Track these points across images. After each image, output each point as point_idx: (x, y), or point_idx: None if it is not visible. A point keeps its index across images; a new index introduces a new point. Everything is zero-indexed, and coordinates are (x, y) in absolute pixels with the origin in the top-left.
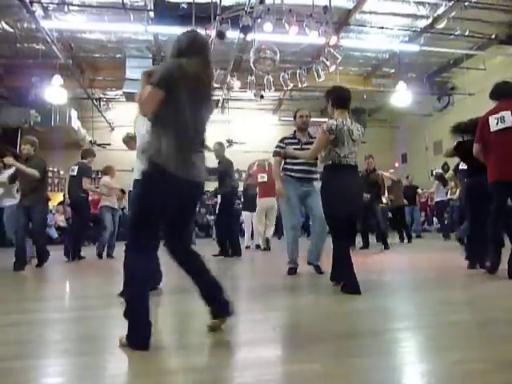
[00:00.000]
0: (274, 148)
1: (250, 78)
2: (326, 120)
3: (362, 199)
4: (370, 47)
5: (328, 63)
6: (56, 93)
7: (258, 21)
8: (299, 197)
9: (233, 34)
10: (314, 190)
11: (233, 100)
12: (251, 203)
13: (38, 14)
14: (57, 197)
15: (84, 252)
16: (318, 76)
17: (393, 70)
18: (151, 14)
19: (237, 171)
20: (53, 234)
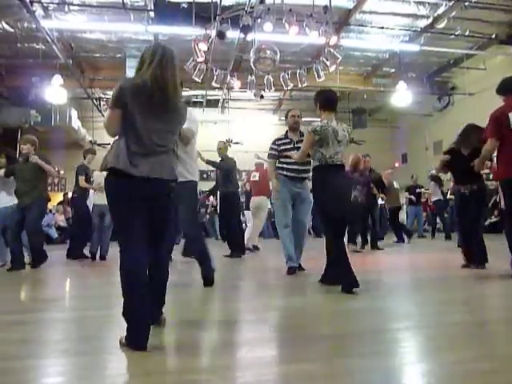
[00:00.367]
0: (269, 151)
1: (250, 77)
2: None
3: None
4: (370, 47)
5: (328, 63)
6: (56, 93)
7: (258, 21)
8: (291, 196)
9: (233, 34)
10: (305, 191)
11: (233, 100)
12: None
13: (38, 13)
14: (57, 197)
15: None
16: (318, 76)
17: (393, 70)
18: (151, 13)
19: (237, 171)
20: (53, 233)
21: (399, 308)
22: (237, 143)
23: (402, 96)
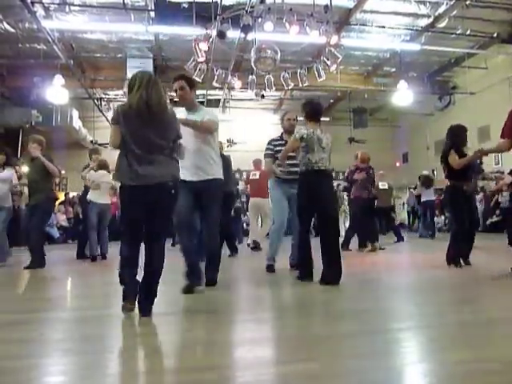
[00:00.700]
0: (265, 151)
1: (250, 77)
2: (324, 119)
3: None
4: (370, 46)
5: (329, 62)
6: (57, 93)
7: (259, 20)
8: (287, 197)
9: (233, 34)
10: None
11: (234, 100)
12: None
13: (39, 14)
14: (58, 196)
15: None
16: (319, 75)
17: (394, 70)
18: (152, 13)
19: (238, 171)
20: (54, 233)
21: (401, 308)
22: (235, 143)
23: (403, 95)
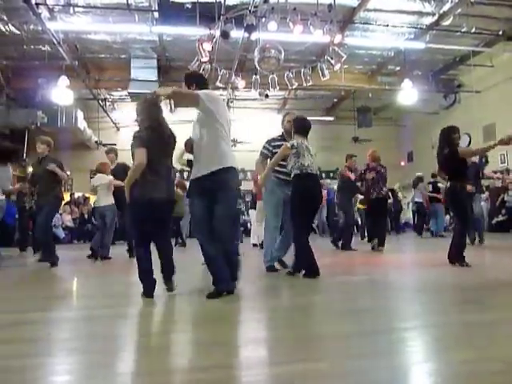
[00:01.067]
0: (262, 149)
1: (254, 77)
2: (328, 118)
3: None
4: (375, 45)
5: (333, 62)
6: (62, 94)
7: (263, 20)
8: (283, 198)
9: (237, 34)
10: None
11: (237, 100)
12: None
13: (43, 15)
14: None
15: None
16: (323, 75)
17: (398, 68)
18: (156, 14)
19: (242, 171)
20: (60, 233)
21: (406, 307)
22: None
23: (408, 94)
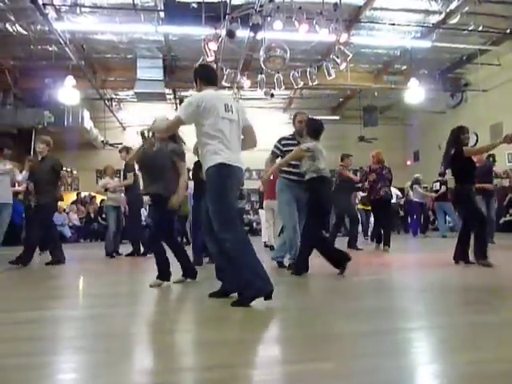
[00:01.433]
0: (273, 148)
1: (260, 76)
2: (334, 117)
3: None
4: (381, 44)
5: (338, 61)
6: (69, 94)
7: (268, 19)
8: (295, 198)
9: (243, 33)
10: (304, 195)
11: (243, 99)
12: None
13: (50, 16)
14: (70, 196)
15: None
16: (329, 74)
17: (404, 67)
18: (161, 14)
19: (247, 170)
20: (66, 232)
21: (412, 308)
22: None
23: (414, 93)
